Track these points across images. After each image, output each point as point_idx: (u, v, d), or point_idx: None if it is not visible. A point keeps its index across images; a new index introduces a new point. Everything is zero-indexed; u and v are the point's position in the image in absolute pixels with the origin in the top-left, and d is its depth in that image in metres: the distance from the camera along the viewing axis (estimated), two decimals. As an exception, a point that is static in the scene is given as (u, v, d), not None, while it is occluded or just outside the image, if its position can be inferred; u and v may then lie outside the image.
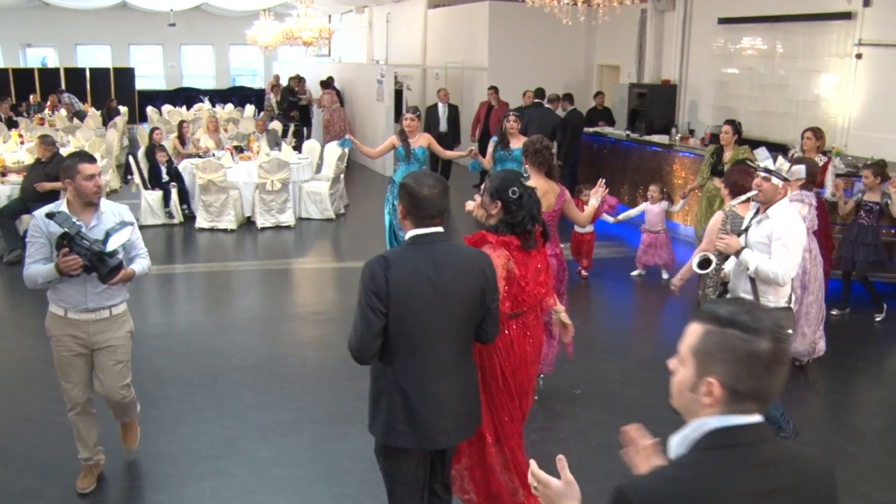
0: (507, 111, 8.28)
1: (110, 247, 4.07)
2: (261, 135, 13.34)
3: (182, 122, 13.10)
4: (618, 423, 2.47)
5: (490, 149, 8.05)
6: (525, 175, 4.01)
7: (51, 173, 9.64)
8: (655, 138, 12.23)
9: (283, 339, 7.35)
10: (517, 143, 7.72)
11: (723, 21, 12.69)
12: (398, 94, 16.84)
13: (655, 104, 13.48)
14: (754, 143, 7.82)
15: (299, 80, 18.72)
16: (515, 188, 3.82)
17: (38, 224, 4.14)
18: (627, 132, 12.93)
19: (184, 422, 5.55)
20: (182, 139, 12.63)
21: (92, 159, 4.33)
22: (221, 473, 4.86)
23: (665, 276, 9.06)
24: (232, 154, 11.79)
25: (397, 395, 3.18)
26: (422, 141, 8.00)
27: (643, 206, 9.16)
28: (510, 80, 15.17)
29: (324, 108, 17.23)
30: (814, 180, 6.71)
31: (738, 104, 12.52)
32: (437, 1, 18.38)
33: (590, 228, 8.81)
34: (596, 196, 5.49)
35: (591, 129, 13.41)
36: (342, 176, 12.45)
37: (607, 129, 13.61)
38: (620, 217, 9.11)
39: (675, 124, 13.29)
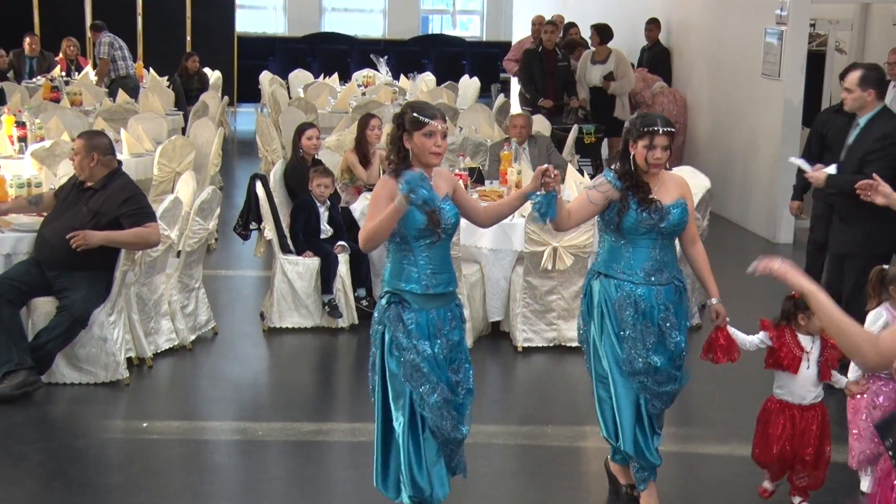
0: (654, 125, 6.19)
1: None
2: (520, 148, 10.84)
3: (368, 115, 10.77)
4: None
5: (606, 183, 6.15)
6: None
7: (105, 213, 8.00)
8: None
9: None
10: (667, 195, 6.13)
11: None
12: (815, 62, 13.46)
13: None
14: None
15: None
16: None
17: None
18: None
19: None
20: (364, 152, 10.35)
21: None
22: None
23: None
24: (466, 189, 9.73)
25: None
26: (443, 185, 6.06)
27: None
28: None
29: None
30: None
31: None
32: None
33: None
34: None
35: None
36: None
37: None
38: None
39: None
